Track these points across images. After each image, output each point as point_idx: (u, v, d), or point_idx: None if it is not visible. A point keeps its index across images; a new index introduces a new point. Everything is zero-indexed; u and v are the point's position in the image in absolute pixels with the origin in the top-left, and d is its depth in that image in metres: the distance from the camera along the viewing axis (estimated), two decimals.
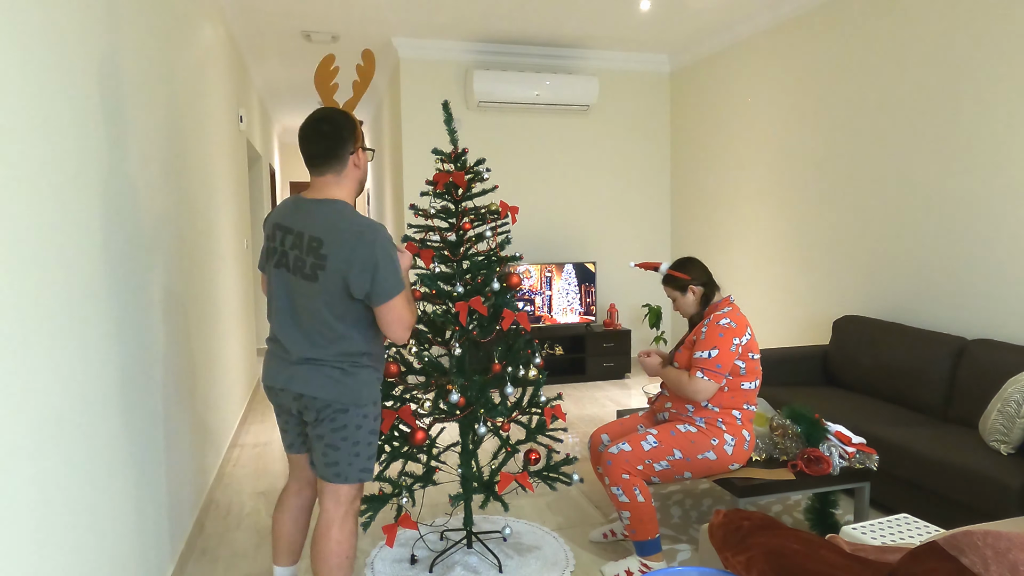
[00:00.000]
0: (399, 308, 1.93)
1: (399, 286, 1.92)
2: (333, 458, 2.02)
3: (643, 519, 2.47)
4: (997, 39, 3.25)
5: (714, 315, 2.59)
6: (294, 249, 1.95)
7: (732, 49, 5.36)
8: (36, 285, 1.45)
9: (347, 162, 2.00)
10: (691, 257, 2.74)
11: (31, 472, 1.39)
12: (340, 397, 1.98)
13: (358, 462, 2.05)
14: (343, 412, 1.99)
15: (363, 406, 2.02)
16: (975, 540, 1.37)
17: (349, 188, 2.03)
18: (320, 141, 1.96)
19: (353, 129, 2.00)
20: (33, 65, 1.48)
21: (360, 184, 2.08)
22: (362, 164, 2.05)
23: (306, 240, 1.93)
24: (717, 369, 2.48)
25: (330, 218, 1.92)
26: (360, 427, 2.03)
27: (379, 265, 1.88)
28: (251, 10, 4.67)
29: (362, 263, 1.88)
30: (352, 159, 2.01)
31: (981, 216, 3.37)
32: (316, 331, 1.97)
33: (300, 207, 1.98)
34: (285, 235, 1.98)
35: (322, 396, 1.97)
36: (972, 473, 2.60)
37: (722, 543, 1.80)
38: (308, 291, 1.94)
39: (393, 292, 1.91)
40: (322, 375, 1.97)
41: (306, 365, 1.99)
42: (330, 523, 2.06)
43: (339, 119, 2.00)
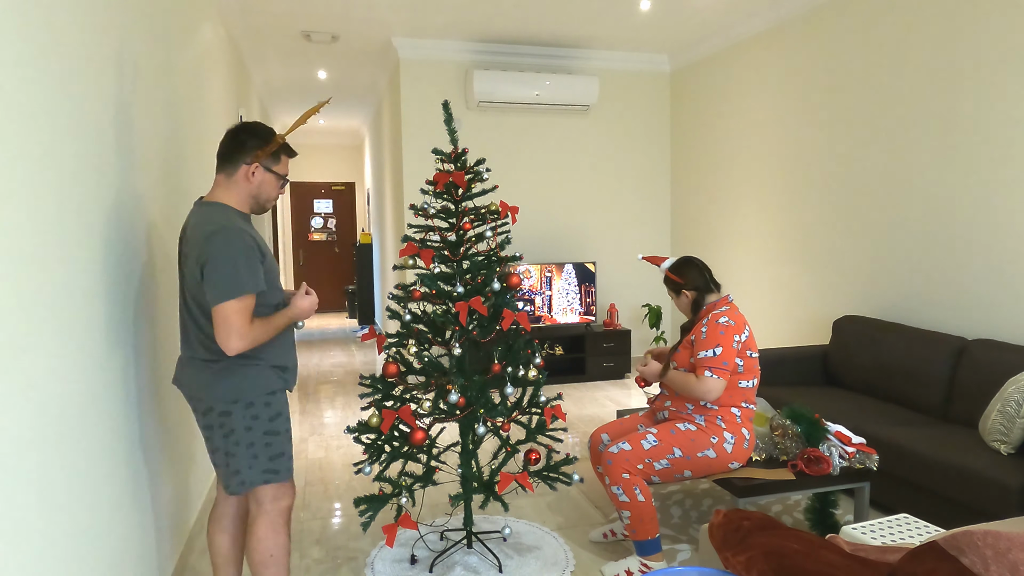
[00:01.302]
0: (227, 313, 1.82)
1: (232, 291, 1.82)
2: (234, 466, 1.96)
3: (643, 519, 2.47)
4: (997, 39, 3.25)
5: (712, 314, 2.58)
6: (182, 242, 1.99)
7: (732, 49, 5.36)
8: (36, 285, 1.45)
9: (238, 169, 1.98)
10: (691, 259, 2.74)
11: (31, 472, 1.39)
12: (221, 396, 1.93)
13: (258, 463, 1.98)
14: (227, 415, 1.94)
15: (248, 405, 1.95)
16: (975, 540, 1.37)
17: (236, 195, 1.99)
18: (227, 144, 2.00)
19: (262, 143, 1.98)
20: (33, 65, 1.48)
21: (253, 199, 2.03)
22: (255, 180, 1.99)
23: (186, 237, 1.96)
24: (724, 366, 2.49)
25: (200, 217, 1.94)
26: (250, 428, 1.95)
27: (210, 262, 1.83)
28: (251, 10, 4.67)
29: (201, 258, 1.85)
30: (244, 169, 1.98)
31: (981, 216, 3.37)
32: (191, 327, 1.97)
33: (194, 207, 2.01)
34: (183, 234, 2.00)
35: (203, 398, 1.94)
36: (972, 473, 2.60)
37: (722, 543, 1.80)
38: (182, 288, 1.99)
39: (223, 295, 1.82)
40: (198, 375, 1.95)
41: (188, 365, 1.99)
42: (252, 520, 2.04)
43: (257, 131, 2.01)
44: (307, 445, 4.25)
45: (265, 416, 1.98)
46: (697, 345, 2.55)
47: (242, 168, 1.98)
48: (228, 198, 1.99)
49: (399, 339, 2.58)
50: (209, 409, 1.95)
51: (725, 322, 2.53)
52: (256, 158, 1.98)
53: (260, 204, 2.06)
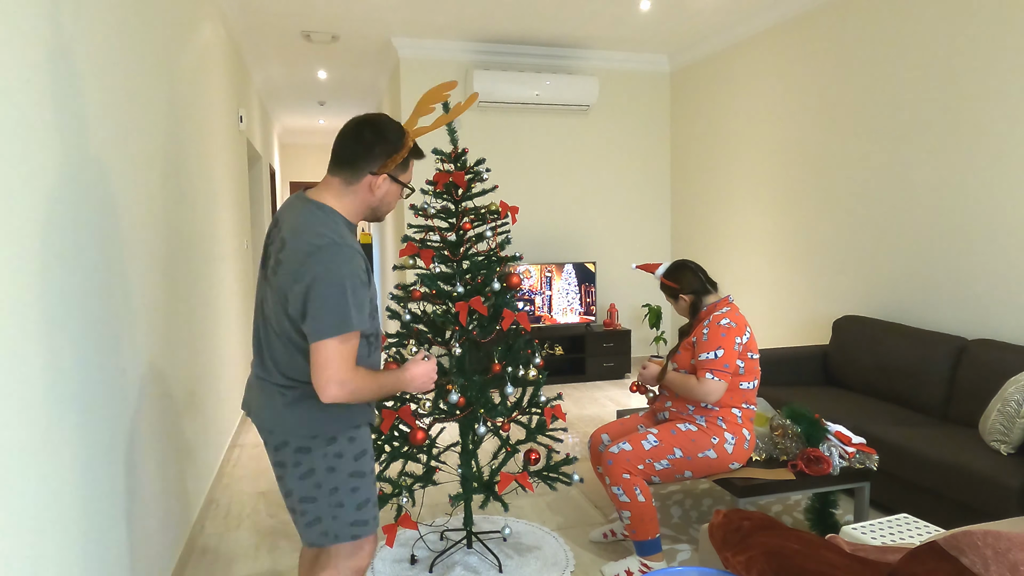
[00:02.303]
0: (328, 354, 1.53)
1: (337, 327, 1.53)
2: (313, 514, 1.66)
3: (643, 519, 2.47)
4: (997, 39, 3.25)
5: (713, 316, 2.58)
6: (272, 244, 1.70)
7: (732, 49, 5.36)
8: (36, 286, 1.45)
9: (362, 177, 1.67)
10: (684, 262, 2.73)
11: (31, 474, 1.39)
12: (294, 429, 1.63)
13: (344, 514, 1.66)
14: (305, 452, 1.63)
15: (330, 441, 1.65)
16: (975, 540, 1.37)
17: (352, 204, 1.70)
18: (349, 143, 1.68)
19: (391, 150, 1.68)
20: (32, 65, 1.48)
21: (372, 211, 1.75)
22: (379, 192, 1.70)
23: (279, 237, 1.66)
24: (725, 369, 2.49)
25: (305, 220, 1.63)
26: (333, 469, 1.65)
27: (316, 289, 1.53)
28: (251, 10, 4.67)
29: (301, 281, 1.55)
30: (369, 179, 1.68)
31: (981, 216, 3.37)
32: (268, 344, 1.66)
33: (296, 201, 1.71)
34: (273, 231, 1.72)
35: (275, 430, 1.64)
36: (972, 473, 2.60)
37: (722, 543, 1.80)
38: (268, 294, 1.66)
39: (325, 332, 1.53)
40: (270, 402, 1.65)
41: (258, 388, 1.68)
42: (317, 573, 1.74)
43: (388, 131, 1.69)
44: None
45: (350, 454, 1.67)
46: (698, 347, 2.55)
47: (367, 178, 1.68)
48: (341, 205, 1.68)
49: (399, 339, 2.58)
50: (283, 444, 1.64)
51: (726, 324, 2.53)
52: (385, 167, 1.68)
53: (378, 216, 1.77)
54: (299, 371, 1.63)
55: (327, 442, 1.65)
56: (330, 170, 1.71)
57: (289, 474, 1.66)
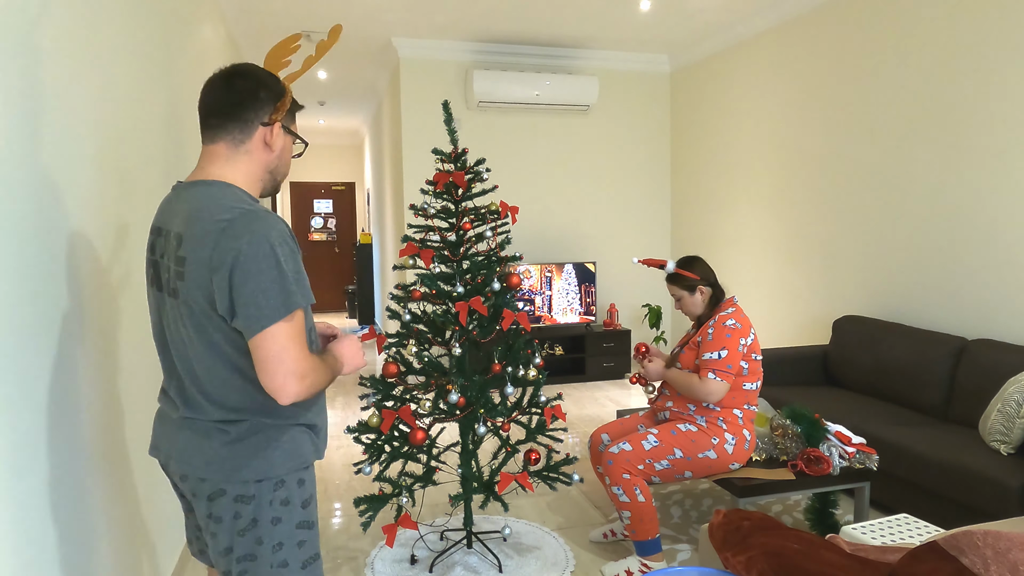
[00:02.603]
0: (279, 342, 1.25)
1: (282, 307, 1.25)
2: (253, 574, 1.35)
3: (643, 519, 2.47)
4: (997, 39, 3.25)
5: (719, 316, 2.58)
6: (163, 256, 1.36)
7: (732, 49, 5.36)
8: (36, 286, 1.45)
9: (253, 131, 1.38)
10: (697, 256, 2.73)
11: (31, 472, 1.39)
12: (236, 474, 1.33)
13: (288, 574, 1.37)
14: (246, 501, 1.33)
15: (278, 485, 1.36)
16: (975, 540, 1.37)
17: (247, 169, 1.39)
18: (225, 96, 1.38)
19: (277, 94, 1.40)
20: (32, 67, 1.48)
21: (271, 175, 1.45)
22: (277, 145, 1.42)
23: (171, 239, 1.34)
24: (728, 369, 2.49)
25: (196, 203, 1.31)
26: (279, 519, 1.36)
27: (241, 268, 1.24)
28: (251, 10, 4.67)
29: (223, 265, 1.25)
30: (263, 131, 1.39)
31: (981, 216, 3.37)
32: (190, 374, 1.35)
33: (174, 197, 1.39)
34: (157, 239, 1.39)
35: (209, 477, 1.33)
36: (972, 473, 2.60)
37: (722, 543, 1.80)
38: (176, 314, 1.34)
39: (269, 317, 1.24)
40: (202, 445, 1.34)
41: (185, 428, 1.37)
42: None
43: (262, 78, 1.40)
44: None
45: (298, 501, 1.39)
46: (703, 347, 2.55)
47: (259, 131, 1.39)
48: (235, 176, 1.38)
49: (399, 339, 2.58)
50: (219, 492, 1.33)
51: (732, 325, 2.54)
52: (277, 113, 1.40)
53: (276, 182, 1.48)
54: (242, 397, 1.34)
55: (274, 487, 1.36)
56: (208, 139, 1.39)
57: (225, 528, 1.34)
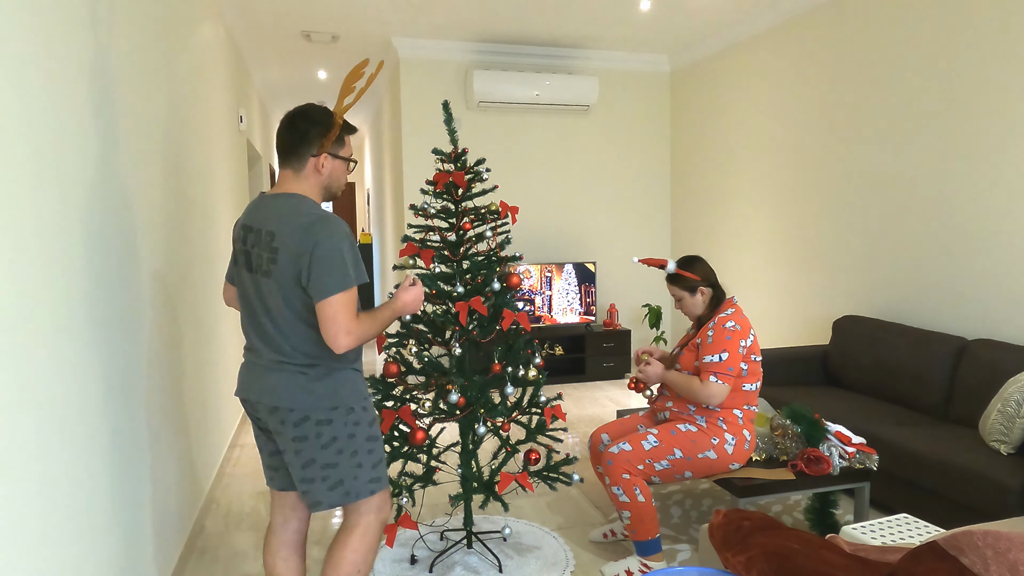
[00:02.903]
0: (336, 308, 1.73)
1: (340, 285, 1.74)
2: (335, 477, 1.84)
3: (643, 519, 2.47)
4: (997, 39, 3.25)
5: (719, 317, 2.58)
6: (255, 247, 1.85)
7: (732, 49, 5.36)
8: (35, 286, 1.45)
9: (306, 162, 1.87)
10: (697, 256, 2.71)
11: (34, 472, 1.39)
12: (317, 404, 1.81)
13: (363, 473, 1.87)
14: (327, 423, 1.82)
15: (348, 410, 1.86)
16: (975, 540, 1.37)
17: (308, 188, 1.89)
18: (288, 135, 1.87)
19: (324, 131, 1.87)
20: (32, 66, 1.48)
21: (325, 189, 1.94)
22: (325, 170, 1.90)
23: (264, 236, 1.83)
24: (729, 372, 2.49)
25: (284, 209, 1.82)
26: (353, 435, 1.86)
27: (318, 255, 1.74)
28: (251, 10, 4.67)
29: (305, 252, 1.75)
30: (313, 161, 1.87)
31: (981, 216, 3.37)
32: (280, 332, 1.83)
33: (262, 204, 1.88)
34: (248, 234, 1.88)
35: (297, 407, 1.80)
36: (972, 473, 2.60)
37: (722, 543, 1.80)
38: (268, 289, 1.82)
39: (331, 289, 1.73)
40: (292, 382, 1.82)
41: (275, 371, 1.83)
42: (349, 530, 1.91)
43: (315, 117, 1.88)
44: None
45: (365, 421, 1.89)
46: (703, 349, 2.55)
47: (310, 161, 1.87)
48: (301, 189, 1.88)
49: (399, 339, 2.58)
50: (304, 419, 1.80)
51: (732, 327, 2.53)
52: (322, 147, 1.87)
53: (332, 192, 1.97)
54: (319, 347, 1.83)
55: (347, 412, 1.85)
56: (280, 166, 1.92)
57: (311, 445, 1.82)
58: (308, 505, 1.88)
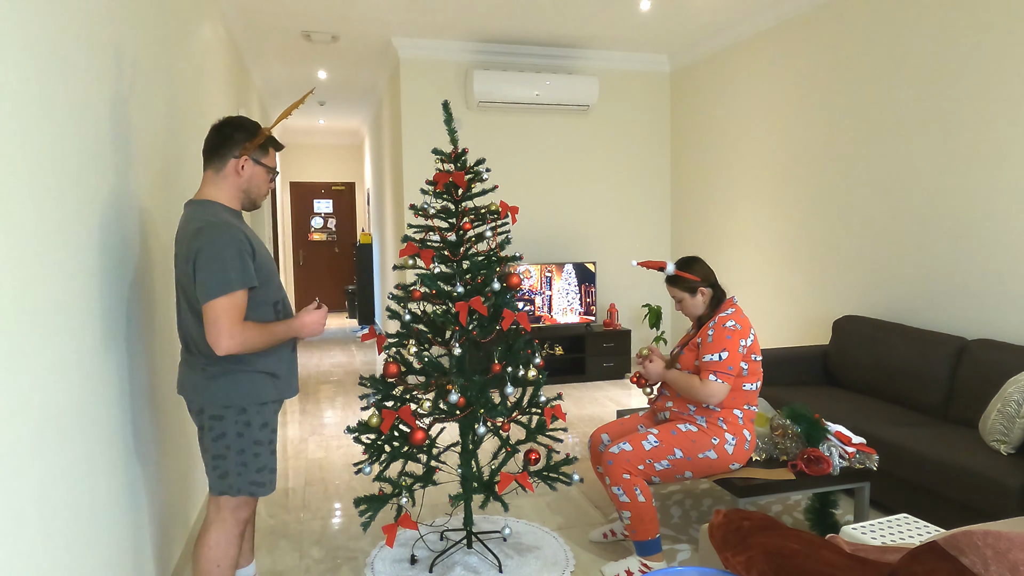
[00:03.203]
0: (217, 311, 1.80)
1: (221, 289, 1.80)
2: (222, 469, 1.97)
3: (644, 519, 2.47)
4: (997, 39, 3.25)
5: (719, 317, 2.58)
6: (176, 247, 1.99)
7: (732, 49, 5.36)
8: (35, 286, 1.45)
9: (227, 162, 1.97)
10: (696, 257, 2.71)
11: (34, 472, 1.39)
12: (212, 400, 1.93)
13: (247, 473, 1.98)
14: (218, 419, 1.94)
15: (240, 411, 1.95)
16: (975, 540, 1.37)
17: (227, 191, 1.99)
18: (213, 138, 1.99)
19: (249, 136, 1.98)
20: (33, 66, 1.48)
21: (244, 194, 2.03)
22: (245, 172, 1.99)
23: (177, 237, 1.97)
24: (729, 371, 2.49)
25: (186, 216, 1.94)
26: (241, 435, 1.96)
27: (201, 260, 1.81)
28: (251, 10, 4.67)
29: (191, 256, 1.84)
30: (234, 162, 1.97)
31: (981, 216, 3.37)
32: (184, 331, 1.97)
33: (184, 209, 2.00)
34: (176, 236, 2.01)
35: (194, 399, 1.96)
36: (972, 473, 2.60)
37: (722, 543, 1.80)
38: (177, 290, 1.99)
39: (212, 292, 1.80)
40: (192, 376, 1.96)
41: (184, 365, 2.01)
42: (207, 526, 2.03)
43: (241, 123, 2.00)
44: (307, 445, 4.25)
45: (256, 424, 1.99)
46: (703, 348, 2.55)
47: (231, 162, 1.98)
48: (218, 195, 1.98)
49: (399, 339, 2.58)
50: (200, 411, 1.97)
51: (732, 326, 2.53)
52: (245, 151, 1.98)
53: (251, 199, 2.06)
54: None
55: (238, 412, 1.95)
56: (204, 167, 2.01)
57: (205, 435, 1.97)
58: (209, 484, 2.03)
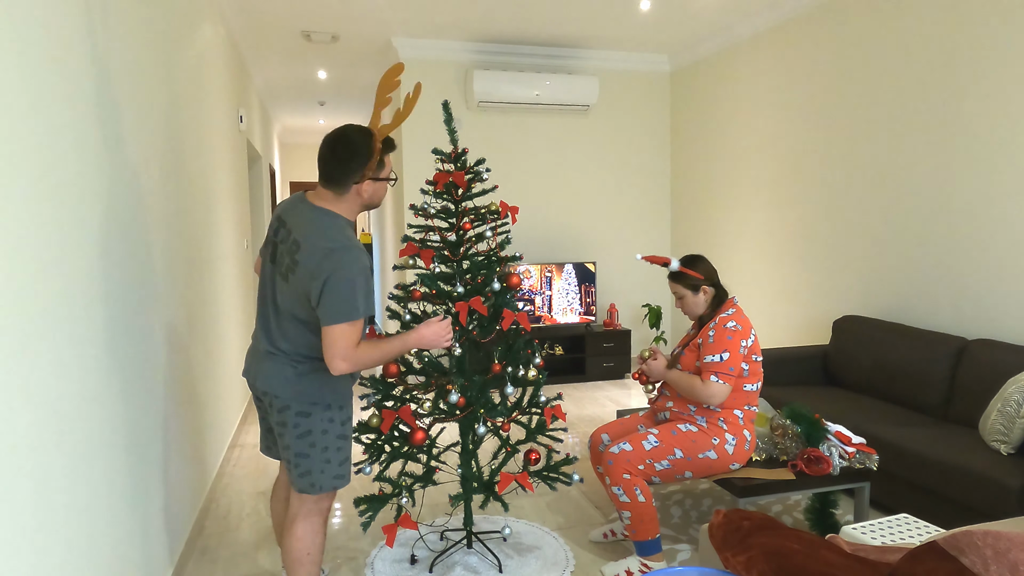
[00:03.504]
0: (337, 335, 1.85)
1: (347, 315, 1.85)
2: (305, 467, 2.00)
3: (644, 519, 2.47)
4: (997, 39, 3.25)
5: (720, 318, 2.58)
6: (283, 243, 2.00)
7: (732, 49, 5.36)
8: (35, 286, 1.45)
9: (349, 188, 1.99)
10: (701, 255, 2.70)
11: (31, 472, 1.39)
12: (299, 396, 1.97)
13: (330, 469, 2.03)
14: (305, 416, 1.98)
15: (326, 408, 2.00)
16: (975, 540, 1.37)
17: (347, 208, 2.02)
18: (329, 161, 1.98)
19: (366, 159, 1.96)
20: (33, 66, 1.48)
21: (364, 207, 2.07)
22: (366, 193, 2.02)
23: (291, 240, 1.97)
24: (730, 372, 2.49)
25: (315, 227, 1.94)
26: (326, 431, 2.00)
27: (331, 283, 1.85)
28: (251, 10, 4.67)
29: (320, 276, 1.86)
30: (356, 188, 1.99)
31: (981, 216, 3.37)
32: (281, 327, 1.99)
33: (301, 206, 2.01)
34: (280, 228, 2.03)
35: (281, 395, 1.97)
36: (972, 473, 2.60)
37: (722, 543, 1.80)
38: (282, 289, 1.98)
39: (338, 318, 1.84)
40: (280, 372, 1.98)
41: (268, 359, 2.00)
42: (293, 518, 2.08)
43: (357, 144, 1.96)
44: None
45: (339, 420, 2.03)
46: (704, 349, 2.55)
47: (352, 188, 1.99)
48: (339, 209, 2.00)
49: None
50: (286, 407, 1.97)
51: (733, 327, 2.53)
52: (364, 176, 1.98)
53: (371, 207, 2.11)
54: (310, 348, 1.98)
55: (324, 408, 2.00)
56: (321, 183, 2.02)
57: (288, 432, 1.99)
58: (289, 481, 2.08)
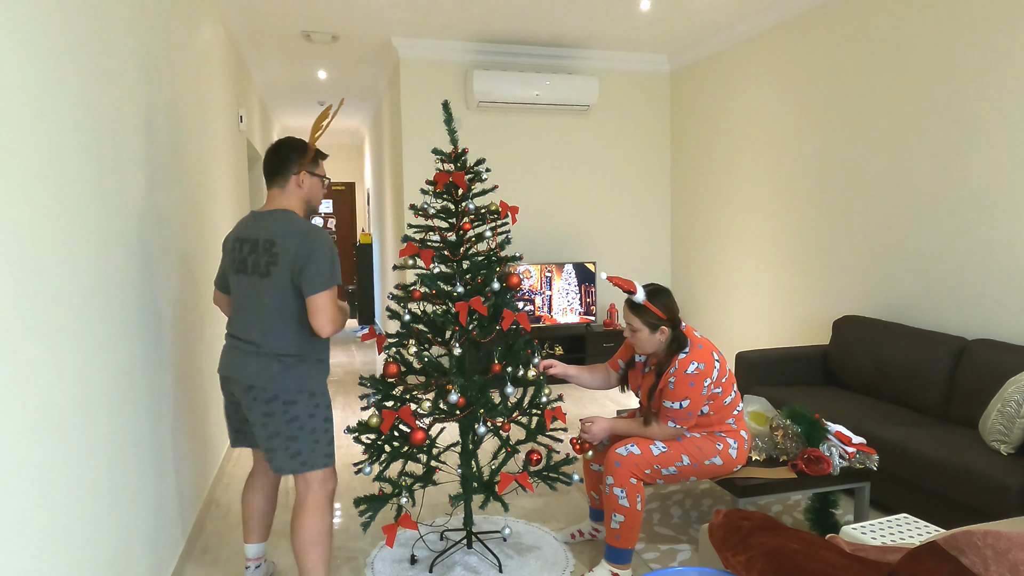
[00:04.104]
0: (324, 301, 2.12)
1: (327, 284, 2.13)
2: (295, 448, 2.19)
3: (633, 527, 2.46)
4: (998, 39, 3.25)
5: (679, 362, 2.44)
6: (252, 254, 2.21)
7: (732, 49, 5.36)
8: (36, 286, 1.45)
9: (288, 180, 2.26)
10: (665, 288, 2.54)
11: (32, 472, 1.39)
12: (286, 387, 2.16)
13: (319, 448, 2.23)
14: (292, 404, 2.18)
15: (311, 395, 2.21)
16: (975, 540, 1.37)
17: (292, 203, 2.28)
18: (273, 159, 2.27)
19: (301, 155, 2.27)
20: (33, 66, 1.48)
21: (305, 203, 2.32)
22: (305, 186, 2.29)
23: (261, 244, 2.18)
24: (688, 416, 2.47)
25: (280, 223, 2.19)
26: (313, 415, 2.21)
27: (314, 258, 2.12)
28: (251, 10, 4.67)
29: (303, 255, 2.12)
30: (294, 179, 2.27)
31: (981, 216, 3.37)
32: (265, 324, 2.18)
33: (256, 220, 2.24)
34: (243, 244, 2.24)
35: (269, 387, 2.15)
36: (972, 473, 2.60)
37: (722, 543, 1.80)
38: (261, 287, 2.18)
39: (322, 286, 2.11)
40: (266, 368, 2.16)
41: (254, 356, 2.18)
42: (300, 504, 2.24)
43: (295, 143, 2.29)
44: None
45: (323, 405, 2.25)
46: (665, 394, 2.49)
47: (292, 179, 2.27)
48: (288, 205, 2.27)
49: (399, 339, 2.58)
50: (274, 398, 2.16)
51: (694, 370, 2.42)
52: (301, 167, 2.27)
53: (312, 207, 2.36)
54: (295, 345, 2.19)
55: (308, 396, 2.21)
56: (268, 186, 2.30)
57: (277, 420, 2.17)
58: (272, 469, 2.23)
